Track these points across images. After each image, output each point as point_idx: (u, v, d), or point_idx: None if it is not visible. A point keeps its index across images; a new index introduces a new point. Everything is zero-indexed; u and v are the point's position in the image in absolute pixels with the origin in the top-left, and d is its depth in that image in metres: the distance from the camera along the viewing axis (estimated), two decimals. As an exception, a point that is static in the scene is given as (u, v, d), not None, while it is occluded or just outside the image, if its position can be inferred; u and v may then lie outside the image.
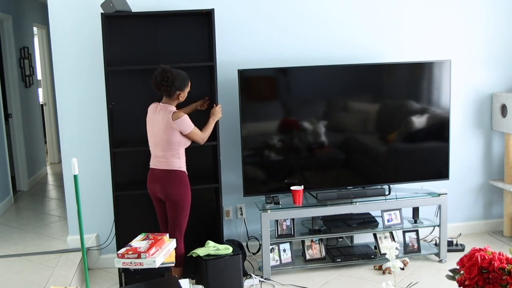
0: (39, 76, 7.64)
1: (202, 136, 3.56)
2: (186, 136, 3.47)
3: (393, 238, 4.22)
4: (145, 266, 2.95)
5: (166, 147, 3.44)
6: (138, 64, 3.89)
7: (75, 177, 2.94)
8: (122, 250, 3.01)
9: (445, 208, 4.14)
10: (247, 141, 3.97)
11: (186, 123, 3.44)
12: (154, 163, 3.52)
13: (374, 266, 4.08)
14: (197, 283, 3.66)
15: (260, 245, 4.03)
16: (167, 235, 3.27)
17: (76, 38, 3.98)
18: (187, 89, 3.50)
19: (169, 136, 3.41)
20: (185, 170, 3.54)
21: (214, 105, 3.76)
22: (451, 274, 2.07)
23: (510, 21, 4.57)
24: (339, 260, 4.06)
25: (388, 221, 4.15)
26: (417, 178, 4.26)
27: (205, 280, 3.52)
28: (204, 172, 4.07)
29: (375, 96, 4.22)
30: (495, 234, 4.70)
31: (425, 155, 4.29)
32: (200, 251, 3.59)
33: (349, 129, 4.19)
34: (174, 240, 3.25)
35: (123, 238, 3.64)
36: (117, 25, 3.84)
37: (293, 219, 4.03)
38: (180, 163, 3.50)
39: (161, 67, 3.44)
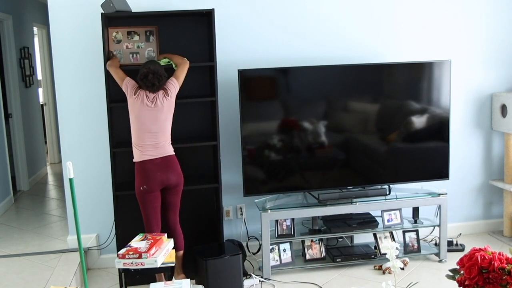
0: (39, 76, 7.64)
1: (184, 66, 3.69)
2: (181, 77, 3.62)
3: (393, 238, 4.22)
4: (146, 266, 2.95)
5: (165, 133, 3.53)
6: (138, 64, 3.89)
7: (71, 180, 2.91)
8: (123, 251, 3.00)
9: (445, 208, 4.14)
10: (247, 141, 3.97)
11: (173, 80, 3.58)
12: (155, 153, 3.50)
13: (374, 266, 4.08)
14: (197, 283, 3.66)
15: (260, 245, 4.03)
16: (165, 235, 3.26)
17: (76, 38, 3.98)
18: None
19: (168, 113, 3.51)
20: None
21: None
22: (451, 274, 2.07)
23: (510, 21, 4.57)
24: (339, 260, 4.07)
25: (388, 221, 4.16)
26: (417, 178, 4.26)
27: (205, 280, 3.52)
28: (204, 172, 4.07)
29: (375, 96, 4.22)
30: (495, 234, 4.70)
31: (425, 155, 4.29)
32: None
33: (349, 129, 4.18)
34: (172, 240, 3.25)
35: (123, 238, 3.64)
36: (117, 25, 3.84)
37: (293, 219, 4.03)
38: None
39: (149, 68, 3.47)
